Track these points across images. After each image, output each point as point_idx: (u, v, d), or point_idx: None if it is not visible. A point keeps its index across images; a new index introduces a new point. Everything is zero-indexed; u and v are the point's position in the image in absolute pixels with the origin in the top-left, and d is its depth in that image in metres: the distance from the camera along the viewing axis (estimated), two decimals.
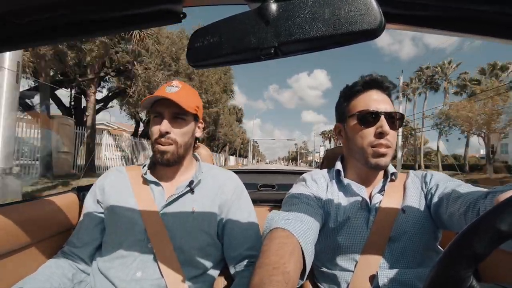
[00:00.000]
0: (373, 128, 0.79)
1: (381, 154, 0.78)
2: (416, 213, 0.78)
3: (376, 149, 0.78)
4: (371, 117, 0.79)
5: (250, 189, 1.15)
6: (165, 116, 0.86)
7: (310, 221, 0.71)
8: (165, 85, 0.89)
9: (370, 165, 0.80)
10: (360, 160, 0.83)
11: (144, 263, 0.81)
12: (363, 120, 0.80)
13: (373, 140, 0.78)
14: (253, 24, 0.34)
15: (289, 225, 0.65)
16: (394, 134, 0.80)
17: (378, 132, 0.78)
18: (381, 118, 0.78)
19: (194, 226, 0.86)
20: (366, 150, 0.80)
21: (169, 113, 0.86)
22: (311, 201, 0.81)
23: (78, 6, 0.40)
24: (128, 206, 0.86)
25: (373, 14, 0.29)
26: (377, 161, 0.79)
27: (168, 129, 0.85)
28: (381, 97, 0.81)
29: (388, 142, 0.78)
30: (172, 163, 0.89)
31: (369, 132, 0.79)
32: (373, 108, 0.79)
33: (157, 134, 0.86)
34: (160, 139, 0.86)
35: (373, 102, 0.80)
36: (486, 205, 0.58)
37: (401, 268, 0.73)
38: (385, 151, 0.78)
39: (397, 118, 0.80)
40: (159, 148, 0.86)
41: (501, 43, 0.39)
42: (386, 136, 0.77)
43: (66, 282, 0.81)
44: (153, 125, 0.88)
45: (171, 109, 0.86)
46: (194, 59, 0.39)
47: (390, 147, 0.79)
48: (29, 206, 0.92)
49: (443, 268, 0.34)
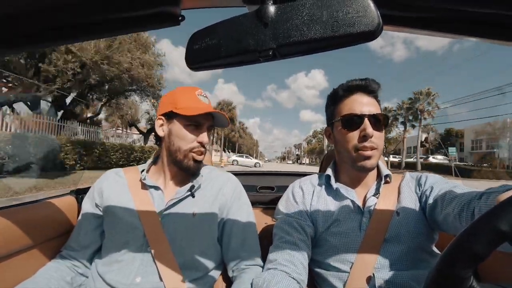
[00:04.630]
0: (357, 131, 0.80)
1: (366, 157, 0.79)
2: (411, 215, 0.78)
3: (361, 152, 0.79)
4: (355, 120, 0.80)
5: (250, 191, 1.15)
6: (203, 127, 0.90)
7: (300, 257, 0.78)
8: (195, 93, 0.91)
9: (357, 168, 0.82)
10: (348, 163, 0.85)
11: (143, 267, 0.81)
12: (347, 124, 0.81)
13: (357, 143, 0.80)
14: (252, 26, 0.34)
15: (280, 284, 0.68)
16: (379, 135, 0.81)
17: (362, 135, 0.79)
18: (365, 121, 0.79)
19: (194, 230, 0.86)
20: (351, 153, 0.81)
21: (207, 125, 0.91)
22: (297, 218, 0.85)
23: (77, 8, 0.40)
24: (127, 210, 0.86)
25: (371, 16, 0.30)
26: (363, 163, 0.80)
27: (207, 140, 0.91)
28: (365, 100, 0.83)
29: (373, 144, 0.79)
30: (196, 171, 0.92)
31: (353, 136, 0.80)
32: (356, 112, 0.80)
33: (194, 143, 0.89)
34: (199, 149, 0.89)
35: (357, 106, 0.81)
36: (481, 206, 0.58)
37: (397, 270, 0.73)
38: (370, 153, 0.79)
39: (382, 119, 0.81)
40: (195, 157, 0.89)
41: (497, 44, 0.40)
42: (370, 138, 0.78)
43: (65, 286, 0.81)
44: (188, 132, 0.88)
45: (209, 122, 0.91)
46: (192, 61, 0.39)
47: (376, 149, 0.80)
48: (26, 209, 0.91)
49: (443, 268, 0.34)
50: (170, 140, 0.89)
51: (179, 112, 0.86)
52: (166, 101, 0.92)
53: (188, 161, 0.89)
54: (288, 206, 0.90)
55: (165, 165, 0.93)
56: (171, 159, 0.90)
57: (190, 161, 0.89)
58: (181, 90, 0.93)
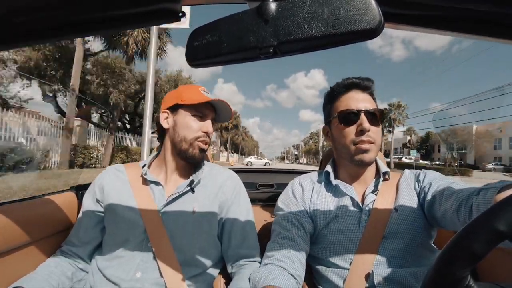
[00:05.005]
0: (354, 126, 0.81)
1: (364, 150, 0.80)
2: (409, 212, 0.79)
3: (359, 145, 0.81)
4: (351, 116, 0.82)
5: (249, 188, 1.16)
6: (208, 118, 0.93)
7: (298, 253, 0.78)
8: (199, 89, 0.93)
9: (355, 162, 0.83)
10: (347, 158, 0.86)
11: (143, 263, 0.81)
12: (345, 119, 0.83)
13: (354, 137, 0.81)
14: (252, 23, 0.34)
15: (277, 279, 0.69)
16: (376, 130, 0.82)
17: (359, 130, 0.80)
18: (361, 116, 0.80)
19: (194, 226, 0.86)
20: (349, 147, 0.82)
21: (211, 117, 0.94)
22: (296, 215, 0.85)
23: (77, 4, 0.40)
24: (128, 206, 0.86)
25: (372, 13, 0.29)
26: (361, 157, 0.81)
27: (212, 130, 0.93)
28: (361, 96, 0.84)
29: (370, 138, 0.80)
30: (200, 161, 0.94)
31: (350, 131, 0.82)
32: (353, 107, 0.82)
33: (199, 132, 0.91)
34: (204, 138, 0.91)
35: (353, 102, 0.83)
36: (479, 202, 0.58)
37: (396, 266, 0.74)
38: (368, 146, 0.80)
39: (378, 115, 0.82)
40: (200, 145, 0.91)
41: (500, 43, 0.39)
42: (367, 132, 0.80)
43: (65, 281, 0.81)
44: (192, 122, 0.90)
45: (213, 114, 0.94)
46: (192, 58, 0.39)
47: (373, 143, 0.81)
48: (27, 205, 0.92)
49: (441, 267, 0.34)
50: (175, 131, 0.91)
51: (184, 103, 0.89)
52: (170, 96, 0.94)
53: (193, 150, 0.90)
54: (287, 203, 0.91)
55: (167, 160, 0.93)
56: (176, 150, 0.92)
57: (195, 150, 0.90)
58: (185, 86, 0.95)
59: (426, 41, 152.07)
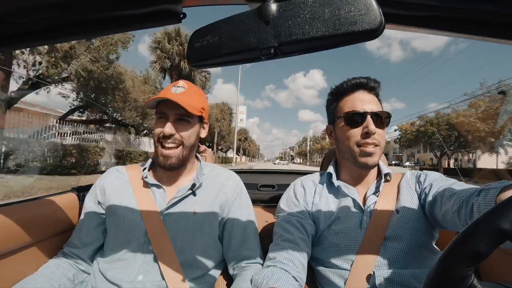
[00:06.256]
0: (360, 128, 0.80)
1: (368, 153, 0.80)
2: (411, 213, 0.79)
3: (363, 148, 0.80)
4: (357, 117, 0.80)
5: (250, 189, 1.15)
6: (169, 118, 0.84)
7: (300, 255, 0.77)
8: (171, 85, 0.88)
9: (359, 165, 0.82)
10: (350, 160, 0.85)
11: (145, 265, 0.81)
12: (350, 121, 0.81)
13: (359, 139, 0.80)
14: (253, 24, 0.34)
15: (279, 282, 0.68)
16: (381, 133, 0.81)
17: (364, 132, 0.79)
18: (367, 118, 0.79)
19: (195, 228, 0.86)
20: (353, 149, 0.81)
21: (174, 115, 0.84)
22: (298, 217, 0.85)
23: (78, 5, 0.40)
24: (129, 208, 0.86)
25: (373, 14, 0.29)
26: (365, 160, 0.80)
27: (172, 131, 0.83)
28: (367, 98, 0.83)
29: (375, 140, 0.79)
30: (175, 167, 0.87)
31: (356, 132, 0.81)
32: (359, 109, 0.81)
33: (160, 135, 0.84)
34: (165, 140, 0.84)
35: (359, 103, 0.82)
36: (479, 202, 0.58)
37: (397, 267, 0.73)
38: (373, 150, 0.79)
39: (384, 117, 0.81)
40: (162, 152, 0.84)
41: (500, 44, 0.39)
42: (372, 135, 0.79)
43: (67, 282, 0.81)
44: (156, 126, 0.85)
45: (176, 111, 0.84)
46: (194, 59, 0.39)
47: (378, 146, 0.80)
48: (28, 206, 0.92)
49: (445, 266, 0.34)
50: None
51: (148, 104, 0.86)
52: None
53: (159, 157, 0.85)
54: (289, 205, 0.90)
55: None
56: None
57: (160, 157, 0.85)
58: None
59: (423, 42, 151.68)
